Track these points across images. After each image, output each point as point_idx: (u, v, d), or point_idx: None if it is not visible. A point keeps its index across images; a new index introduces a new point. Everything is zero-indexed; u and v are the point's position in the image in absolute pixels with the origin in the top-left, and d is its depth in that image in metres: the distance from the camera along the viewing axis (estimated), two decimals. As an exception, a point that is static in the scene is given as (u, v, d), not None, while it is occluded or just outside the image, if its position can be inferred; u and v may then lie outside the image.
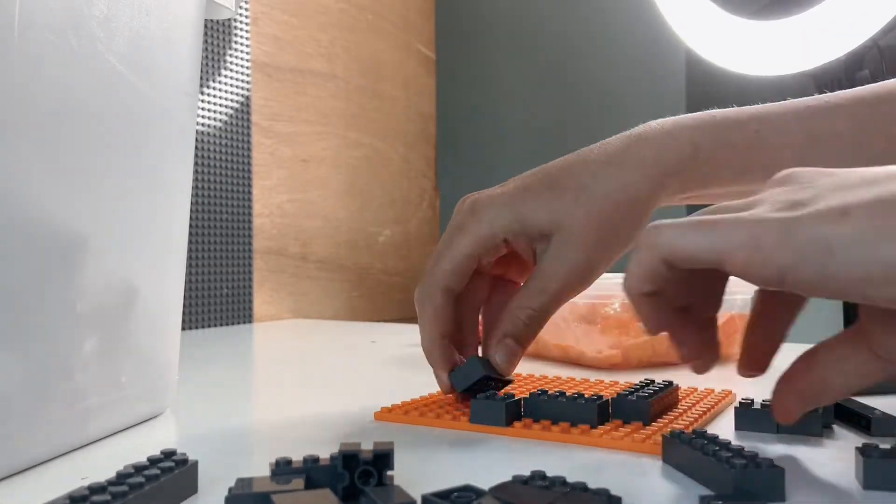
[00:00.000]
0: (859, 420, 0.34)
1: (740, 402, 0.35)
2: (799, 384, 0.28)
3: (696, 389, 0.41)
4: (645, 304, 0.28)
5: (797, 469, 0.29)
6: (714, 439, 0.27)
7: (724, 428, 0.35)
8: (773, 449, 0.32)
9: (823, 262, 0.23)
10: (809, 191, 0.26)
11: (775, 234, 0.24)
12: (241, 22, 0.97)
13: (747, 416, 0.34)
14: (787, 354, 0.29)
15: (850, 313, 0.82)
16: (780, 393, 0.29)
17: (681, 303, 0.30)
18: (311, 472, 0.24)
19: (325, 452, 0.25)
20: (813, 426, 0.33)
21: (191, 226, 0.87)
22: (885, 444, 0.26)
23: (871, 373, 0.27)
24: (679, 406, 0.37)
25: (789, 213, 0.25)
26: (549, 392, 0.35)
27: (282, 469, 0.24)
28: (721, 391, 0.41)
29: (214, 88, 0.93)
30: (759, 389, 0.39)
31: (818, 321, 0.54)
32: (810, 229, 0.24)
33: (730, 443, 0.27)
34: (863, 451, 0.26)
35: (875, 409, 0.34)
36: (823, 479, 0.27)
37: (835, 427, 0.35)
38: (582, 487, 0.23)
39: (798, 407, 0.28)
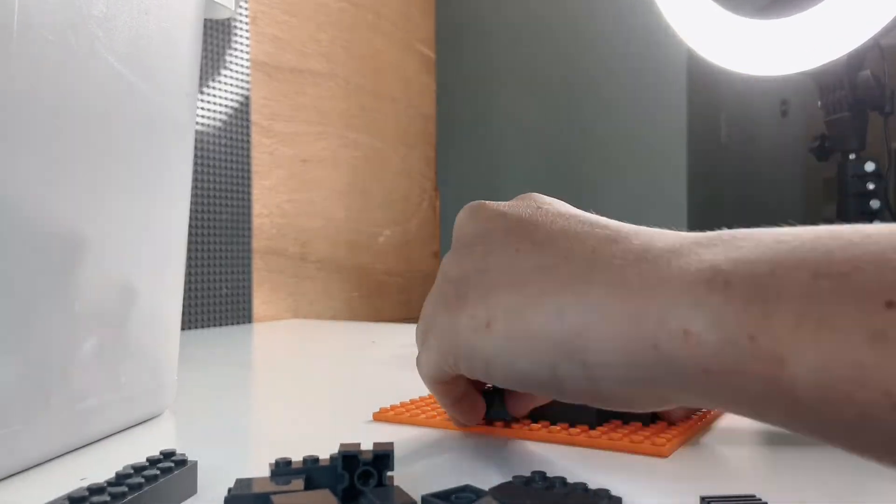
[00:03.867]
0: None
1: None
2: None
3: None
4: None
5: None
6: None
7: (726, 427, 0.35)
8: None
9: (486, 368, 0.26)
10: (464, 284, 0.28)
11: (448, 339, 0.28)
12: (240, 22, 0.97)
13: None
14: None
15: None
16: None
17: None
18: (311, 473, 0.24)
19: (324, 453, 0.25)
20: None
21: (190, 226, 0.87)
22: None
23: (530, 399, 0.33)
24: (679, 406, 0.37)
25: (451, 317, 0.27)
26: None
27: (281, 469, 0.24)
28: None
29: (214, 88, 0.93)
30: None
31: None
32: (465, 337, 0.27)
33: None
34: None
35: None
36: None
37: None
38: (582, 488, 0.23)
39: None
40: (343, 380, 0.54)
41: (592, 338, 0.23)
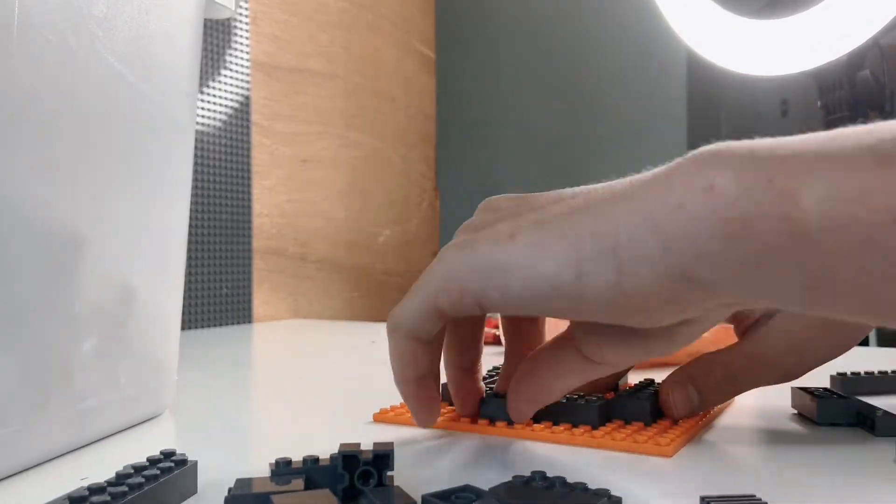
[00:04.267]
0: (864, 420, 0.34)
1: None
2: (524, 389, 0.30)
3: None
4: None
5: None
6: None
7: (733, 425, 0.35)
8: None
9: (504, 280, 0.25)
10: (491, 215, 0.28)
11: (458, 262, 0.26)
12: (240, 22, 0.97)
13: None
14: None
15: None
16: (511, 398, 0.31)
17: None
18: (311, 473, 0.24)
19: (324, 453, 0.25)
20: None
21: (190, 226, 0.87)
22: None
23: (583, 372, 0.29)
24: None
25: (467, 236, 0.26)
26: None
27: (281, 469, 0.24)
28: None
29: (214, 88, 0.93)
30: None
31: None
32: (484, 251, 0.25)
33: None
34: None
35: (879, 408, 0.34)
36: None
37: (841, 426, 0.34)
38: (582, 488, 0.23)
39: (528, 408, 0.31)
40: (343, 380, 0.54)
41: (621, 219, 0.23)
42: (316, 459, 0.25)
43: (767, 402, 0.40)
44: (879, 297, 0.20)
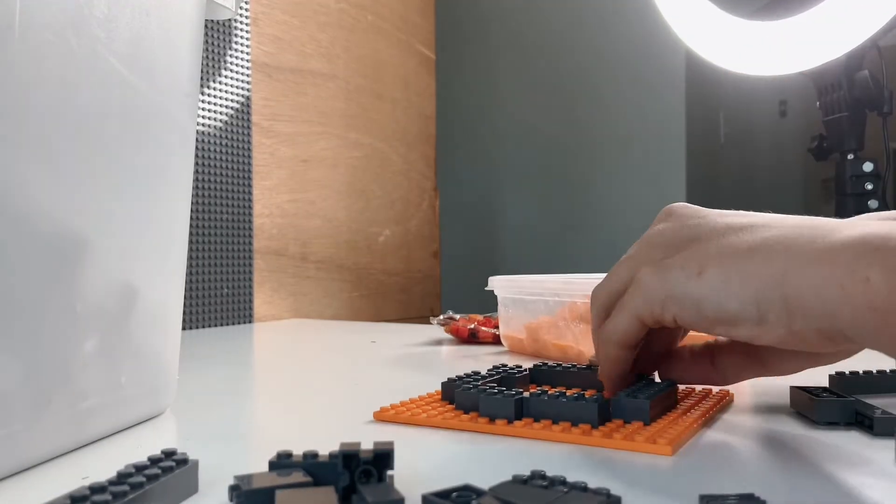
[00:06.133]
0: (862, 420, 0.34)
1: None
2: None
3: (693, 390, 0.42)
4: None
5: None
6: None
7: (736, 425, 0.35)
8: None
9: (697, 309, 0.31)
10: (674, 233, 0.34)
11: (657, 287, 0.32)
12: (241, 22, 0.97)
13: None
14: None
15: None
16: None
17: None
18: (310, 469, 0.24)
19: (324, 452, 0.25)
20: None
21: (191, 226, 0.87)
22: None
23: (706, 381, 0.38)
24: (678, 406, 0.37)
25: (659, 272, 0.32)
26: (550, 392, 0.35)
27: (282, 462, 0.24)
28: (719, 391, 0.41)
29: (215, 89, 0.93)
30: (759, 383, 0.39)
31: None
32: (678, 282, 0.31)
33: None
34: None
35: (877, 408, 0.34)
36: None
37: (840, 426, 0.35)
38: (582, 487, 0.23)
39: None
40: (343, 380, 0.54)
41: (793, 279, 0.28)
42: (315, 455, 0.25)
43: (766, 401, 0.41)
44: None
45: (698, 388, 0.42)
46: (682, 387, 0.41)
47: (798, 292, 0.28)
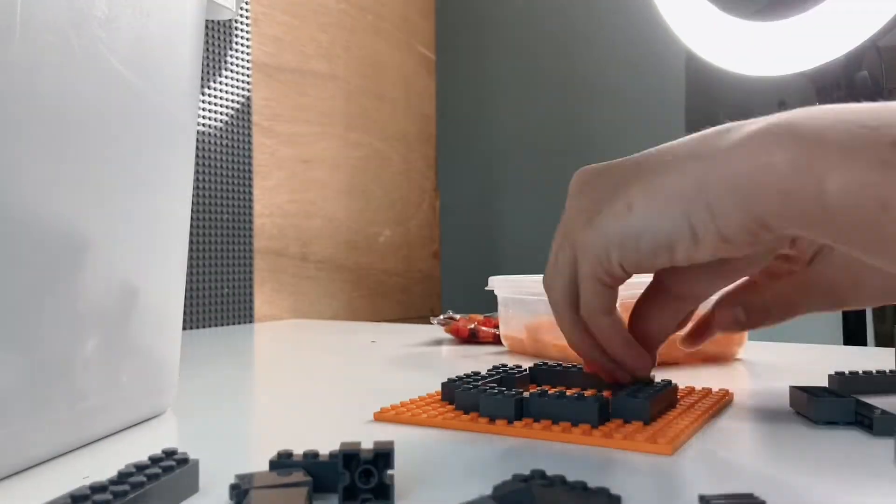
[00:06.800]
0: (862, 420, 0.34)
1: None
2: (634, 344, 0.36)
3: (693, 389, 0.42)
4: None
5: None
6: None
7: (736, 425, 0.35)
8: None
9: (636, 244, 0.31)
10: (597, 203, 0.33)
11: (595, 239, 0.32)
12: (241, 23, 0.97)
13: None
14: (791, 353, 0.29)
15: (848, 314, 0.82)
16: (628, 356, 0.36)
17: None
18: (310, 468, 0.24)
19: (325, 452, 0.25)
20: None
21: (192, 226, 0.87)
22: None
23: (677, 310, 0.37)
24: (678, 406, 0.37)
25: (594, 226, 0.33)
26: (550, 391, 0.35)
27: (282, 461, 0.24)
28: (719, 391, 0.42)
29: (215, 89, 0.93)
30: (758, 382, 0.39)
31: (818, 322, 0.54)
32: (614, 229, 0.32)
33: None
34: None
35: (877, 407, 0.34)
36: None
37: (840, 426, 0.35)
38: (582, 487, 0.23)
39: (641, 361, 0.37)
40: (343, 380, 0.54)
41: (711, 182, 0.29)
42: (315, 454, 0.25)
43: (766, 401, 0.41)
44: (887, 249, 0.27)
45: (698, 387, 0.42)
46: (681, 386, 0.41)
47: (717, 193, 0.29)
